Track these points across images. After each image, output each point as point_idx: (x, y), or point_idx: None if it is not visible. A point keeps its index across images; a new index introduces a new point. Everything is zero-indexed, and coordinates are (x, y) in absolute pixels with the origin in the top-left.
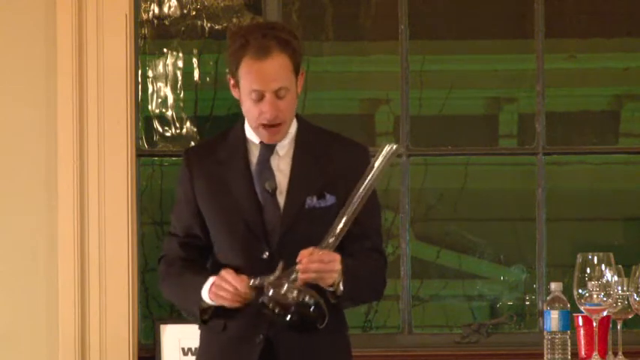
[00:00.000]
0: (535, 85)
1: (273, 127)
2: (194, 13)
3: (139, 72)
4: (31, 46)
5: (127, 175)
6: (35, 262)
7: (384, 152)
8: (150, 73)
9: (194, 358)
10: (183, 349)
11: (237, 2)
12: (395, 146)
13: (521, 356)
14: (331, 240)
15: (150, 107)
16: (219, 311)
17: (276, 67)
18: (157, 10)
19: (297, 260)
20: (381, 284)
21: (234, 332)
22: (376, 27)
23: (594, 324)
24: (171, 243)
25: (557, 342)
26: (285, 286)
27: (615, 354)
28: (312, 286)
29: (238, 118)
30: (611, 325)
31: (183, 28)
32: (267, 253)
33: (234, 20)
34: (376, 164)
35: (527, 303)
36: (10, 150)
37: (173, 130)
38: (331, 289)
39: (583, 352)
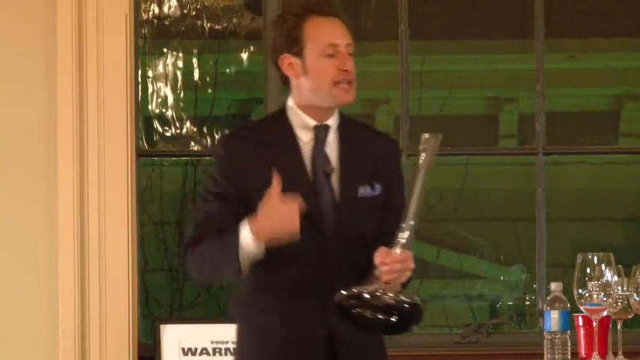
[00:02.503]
0: (535, 85)
1: (348, 83)
2: (194, 13)
3: (139, 72)
4: (31, 46)
5: (127, 175)
6: (35, 262)
7: (429, 147)
8: (150, 73)
9: (194, 358)
10: (183, 349)
11: (237, 2)
12: (433, 136)
13: (521, 356)
14: (403, 240)
15: (150, 107)
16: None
17: (343, 26)
18: (156, 10)
19: (377, 262)
20: None
21: (293, 328)
22: (376, 27)
23: (594, 324)
24: (200, 229)
25: (557, 342)
26: (380, 291)
27: (615, 354)
28: None
29: (238, 118)
30: (611, 325)
31: (183, 28)
32: (320, 238)
33: (234, 20)
34: (424, 159)
35: (527, 303)
36: (10, 150)
37: (173, 130)
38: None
39: (583, 352)
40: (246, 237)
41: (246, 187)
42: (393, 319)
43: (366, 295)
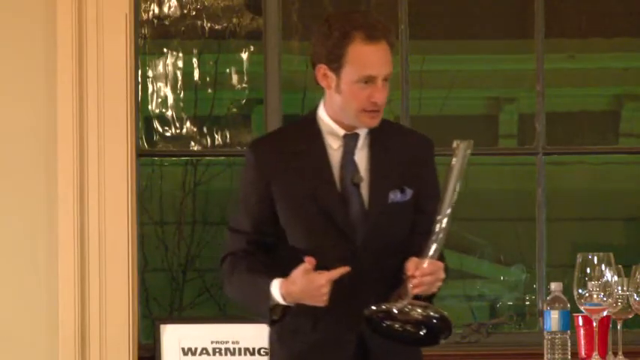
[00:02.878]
0: (535, 85)
1: (377, 112)
2: (194, 13)
3: (139, 72)
4: (31, 46)
5: (127, 175)
6: (35, 262)
7: (460, 152)
8: (150, 73)
9: (194, 358)
10: (183, 349)
11: (237, 2)
12: (465, 142)
13: (521, 356)
14: (433, 251)
15: (150, 107)
16: (290, 310)
17: (387, 52)
18: (156, 10)
19: (408, 274)
20: None
21: (324, 332)
22: None
23: (594, 324)
24: (237, 240)
25: (557, 342)
26: (409, 307)
27: (615, 354)
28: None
29: (238, 118)
30: (611, 325)
31: (183, 28)
32: (350, 248)
33: (234, 20)
34: (455, 165)
35: (527, 303)
36: (10, 150)
37: (173, 130)
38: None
39: (583, 352)
40: (276, 294)
41: (274, 193)
42: (421, 333)
43: (395, 311)
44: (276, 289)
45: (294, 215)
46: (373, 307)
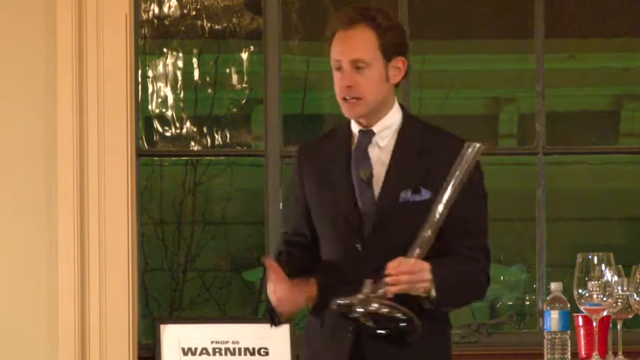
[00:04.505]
0: (535, 85)
1: (351, 100)
2: (194, 13)
3: (139, 72)
4: (31, 46)
5: (127, 175)
6: (35, 262)
7: (467, 153)
8: (150, 73)
9: (194, 358)
10: (183, 349)
11: (237, 2)
12: (477, 145)
13: (521, 356)
14: (418, 251)
15: (150, 107)
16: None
17: (359, 38)
18: (156, 10)
19: (386, 272)
20: (478, 285)
21: (329, 327)
22: None
23: (594, 324)
24: (281, 240)
25: (557, 342)
26: (376, 305)
27: (615, 354)
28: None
29: (238, 118)
30: (611, 325)
31: (183, 28)
32: (359, 245)
33: (234, 20)
34: (458, 167)
35: (527, 303)
36: (9, 150)
37: (173, 130)
38: (424, 295)
39: (583, 352)
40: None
41: (306, 190)
42: (383, 332)
43: (359, 309)
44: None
45: (321, 217)
46: (339, 302)
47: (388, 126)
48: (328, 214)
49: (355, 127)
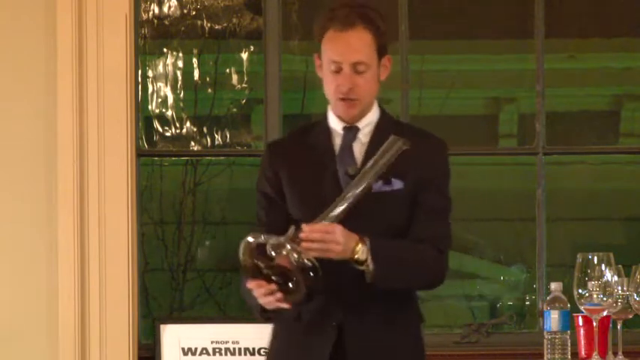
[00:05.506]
0: (535, 85)
1: (349, 100)
2: (194, 13)
3: (139, 72)
4: (31, 46)
5: (127, 175)
6: (35, 263)
7: (387, 147)
8: (150, 73)
9: (194, 358)
10: (183, 349)
11: (237, 2)
12: (399, 140)
13: (521, 356)
14: (333, 213)
15: (150, 107)
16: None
17: (358, 40)
18: (157, 10)
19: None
20: (429, 268)
21: (307, 321)
22: None
23: (594, 324)
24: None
25: (557, 342)
26: (288, 247)
27: (615, 354)
28: (344, 269)
29: (238, 118)
30: (611, 325)
31: (183, 28)
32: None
33: (234, 20)
34: (379, 156)
35: (527, 303)
36: (9, 150)
37: (173, 130)
38: (362, 267)
39: (583, 352)
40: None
41: (284, 186)
42: (274, 278)
43: (271, 251)
44: None
45: (301, 207)
46: (259, 239)
47: (370, 122)
48: (311, 207)
49: (338, 124)
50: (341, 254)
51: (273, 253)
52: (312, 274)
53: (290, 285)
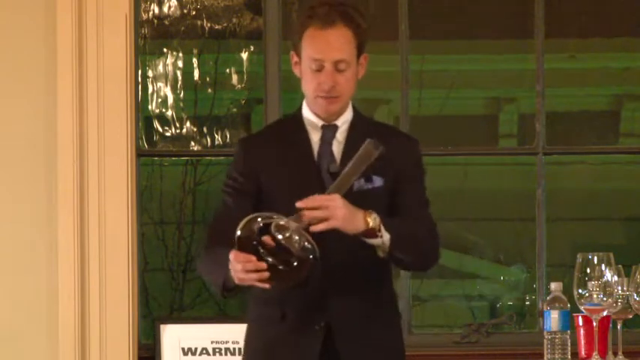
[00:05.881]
0: (535, 85)
1: (330, 97)
2: (194, 13)
3: (139, 72)
4: (31, 46)
5: (127, 175)
6: (35, 263)
7: (362, 151)
8: (150, 73)
9: (194, 358)
10: (183, 349)
11: (237, 2)
12: (373, 143)
13: (521, 356)
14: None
15: (150, 107)
16: (243, 289)
17: (339, 38)
18: (157, 10)
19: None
20: (432, 239)
21: (293, 321)
22: (376, 27)
23: (594, 324)
24: (216, 227)
25: (557, 342)
26: (293, 226)
27: (615, 354)
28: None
29: (238, 118)
30: (611, 325)
31: (183, 28)
32: (319, 232)
33: (234, 20)
34: (357, 163)
35: (527, 303)
36: (10, 150)
37: (173, 130)
38: (374, 241)
39: (583, 352)
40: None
41: (259, 184)
42: (269, 259)
43: (279, 236)
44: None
45: (279, 201)
46: (263, 221)
47: (346, 120)
48: (290, 202)
49: (315, 120)
50: (351, 225)
51: (278, 235)
52: (311, 257)
53: (286, 267)
